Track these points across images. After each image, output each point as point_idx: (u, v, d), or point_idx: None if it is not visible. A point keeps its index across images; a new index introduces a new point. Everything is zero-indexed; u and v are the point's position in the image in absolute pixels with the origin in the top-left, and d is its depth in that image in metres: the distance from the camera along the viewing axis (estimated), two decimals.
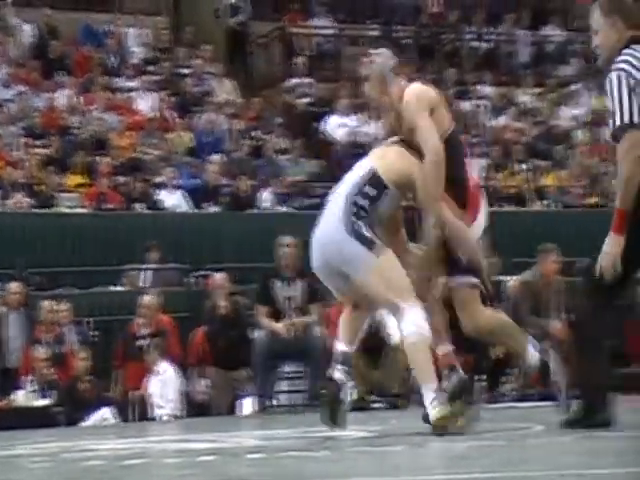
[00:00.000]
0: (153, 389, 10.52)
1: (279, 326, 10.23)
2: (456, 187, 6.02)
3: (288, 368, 10.50)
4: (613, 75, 5.36)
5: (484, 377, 10.70)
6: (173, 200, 14.63)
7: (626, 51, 5.43)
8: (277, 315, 10.30)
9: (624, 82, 5.33)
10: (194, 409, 10.75)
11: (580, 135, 18.12)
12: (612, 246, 5.43)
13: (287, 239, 10.46)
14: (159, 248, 13.08)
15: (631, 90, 5.32)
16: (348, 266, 5.93)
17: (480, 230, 6.18)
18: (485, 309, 6.20)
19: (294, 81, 18.12)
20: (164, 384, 10.51)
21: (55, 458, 5.88)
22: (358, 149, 16.94)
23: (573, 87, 19.47)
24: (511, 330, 6.26)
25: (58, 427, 9.88)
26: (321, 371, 10.37)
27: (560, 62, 20.41)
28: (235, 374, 10.75)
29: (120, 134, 15.72)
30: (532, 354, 6.16)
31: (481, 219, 6.19)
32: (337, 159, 16.84)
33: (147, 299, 11.10)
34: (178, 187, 14.79)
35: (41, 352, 10.69)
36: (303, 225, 12.35)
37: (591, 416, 5.55)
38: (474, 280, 6.09)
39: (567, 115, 18.71)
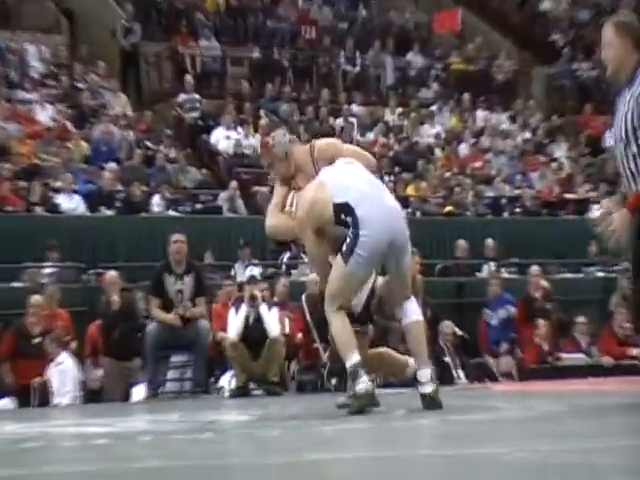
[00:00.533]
0: (52, 378, 10.32)
1: (170, 316, 10.12)
2: None
3: (176, 358, 10.41)
4: None
5: None
6: (70, 204, 14.40)
7: None
8: (168, 307, 10.20)
9: None
10: (89, 396, 10.59)
11: (438, 151, 18.42)
12: (619, 217, 5.44)
13: (179, 236, 10.37)
14: (58, 248, 12.93)
15: None
16: (405, 247, 6.19)
17: None
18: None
19: (183, 97, 18.03)
20: (62, 374, 10.31)
21: None
22: (241, 159, 17.02)
23: (432, 107, 19.79)
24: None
25: None
26: (206, 360, 10.39)
27: (421, 85, 20.72)
28: (128, 364, 10.63)
29: (21, 142, 15.43)
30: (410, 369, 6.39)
31: None
32: (222, 168, 16.86)
33: (35, 298, 10.73)
34: (75, 192, 14.59)
35: None
36: (190, 227, 12.39)
37: None
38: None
39: (427, 133, 18.99)
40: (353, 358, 5.93)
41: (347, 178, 6.21)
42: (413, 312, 6.25)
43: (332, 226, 6.12)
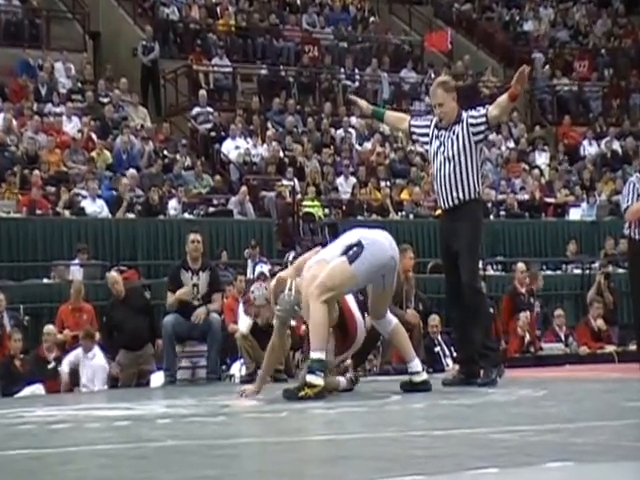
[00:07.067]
0: (83, 369, 10.12)
1: (182, 291, 9.74)
2: None
3: (189, 348, 10.35)
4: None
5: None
6: (94, 207, 14.42)
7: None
8: (185, 300, 9.97)
9: None
10: (110, 382, 10.54)
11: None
12: None
13: (195, 236, 10.20)
14: (87, 250, 12.96)
15: None
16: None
17: None
18: None
19: (197, 110, 18.04)
20: (94, 367, 10.09)
21: None
22: (250, 167, 17.03)
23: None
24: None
25: None
26: (219, 350, 10.32)
27: (414, 98, 20.69)
28: (139, 352, 10.43)
29: (50, 151, 15.46)
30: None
31: None
32: (232, 175, 16.87)
33: (48, 327, 10.45)
34: (99, 196, 14.60)
35: None
36: (203, 229, 12.42)
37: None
38: None
39: None
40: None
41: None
42: (392, 318, 6.53)
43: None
